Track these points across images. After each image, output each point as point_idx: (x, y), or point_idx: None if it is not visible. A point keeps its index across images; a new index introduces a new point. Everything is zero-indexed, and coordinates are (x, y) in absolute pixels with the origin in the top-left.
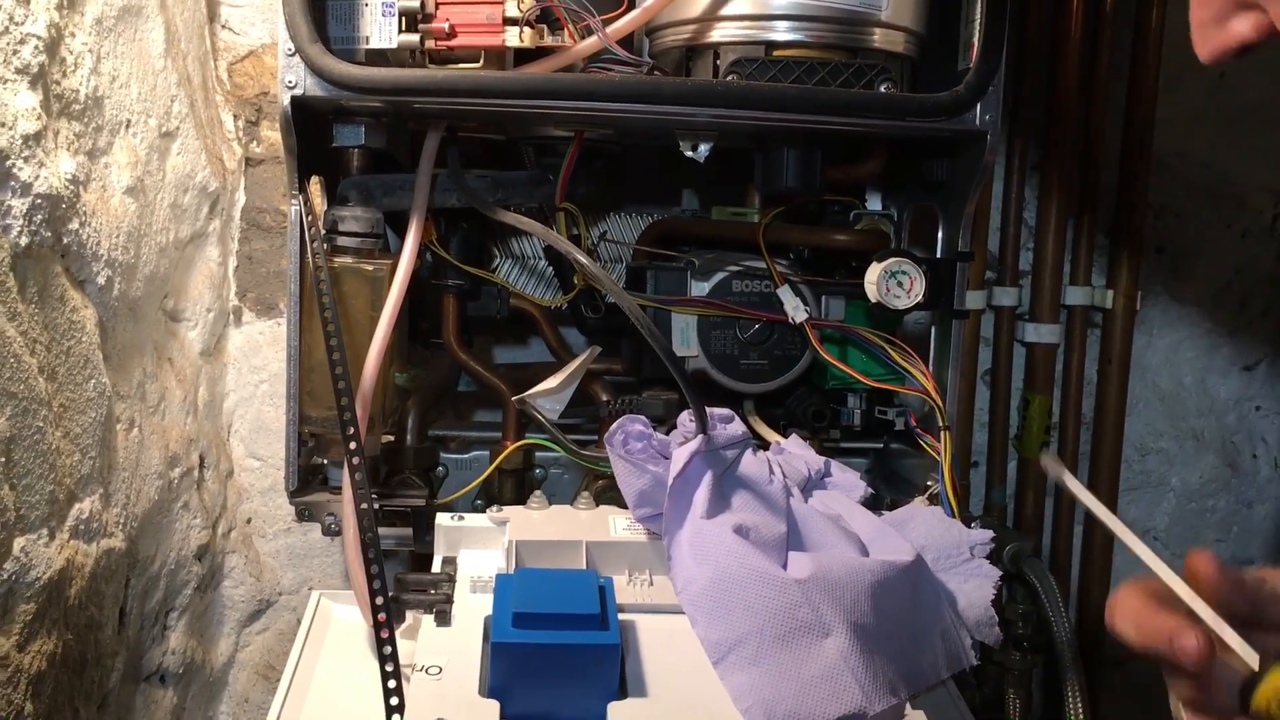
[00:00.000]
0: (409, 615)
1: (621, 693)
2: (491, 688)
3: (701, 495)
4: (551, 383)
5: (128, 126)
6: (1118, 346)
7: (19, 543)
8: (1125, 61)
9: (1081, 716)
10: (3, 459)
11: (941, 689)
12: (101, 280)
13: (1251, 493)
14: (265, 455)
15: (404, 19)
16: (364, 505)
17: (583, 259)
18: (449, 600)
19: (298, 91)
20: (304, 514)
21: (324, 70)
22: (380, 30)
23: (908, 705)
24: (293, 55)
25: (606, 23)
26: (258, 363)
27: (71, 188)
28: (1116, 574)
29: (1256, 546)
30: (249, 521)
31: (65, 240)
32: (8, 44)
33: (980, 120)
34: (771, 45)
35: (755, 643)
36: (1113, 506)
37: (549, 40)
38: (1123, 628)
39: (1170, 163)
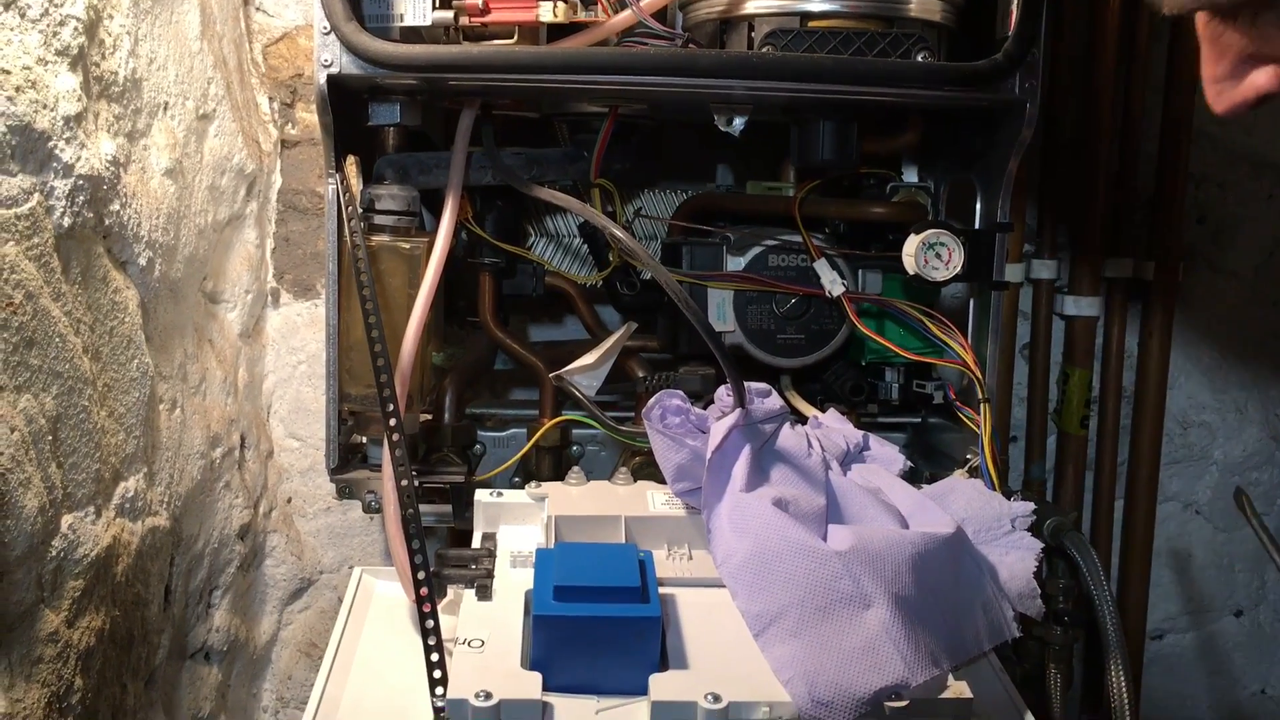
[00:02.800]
0: (450, 590)
1: (663, 665)
2: (534, 660)
3: (740, 469)
4: (588, 359)
5: (166, 109)
6: (1158, 319)
7: (67, 520)
8: (1165, 28)
9: (1124, 691)
10: (50, 437)
11: (984, 661)
12: (143, 261)
13: None
14: (304, 435)
15: None
16: (404, 482)
17: (619, 233)
18: (490, 575)
19: (333, 70)
20: (344, 491)
21: (359, 48)
22: (414, 7)
23: (950, 676)
24: (328, 34)
25: None
26: (296, 344)
27: (112, 169)
28: (1158, 550)
29: None
30: (289, 501)
31: (107, 221)
32: (48, 25)
33: (1019, 89)
34: (807, 16)
35: (796, 615)
36: (1154, 481)
37: (583, 15)
38: None
39: (1211, 132)
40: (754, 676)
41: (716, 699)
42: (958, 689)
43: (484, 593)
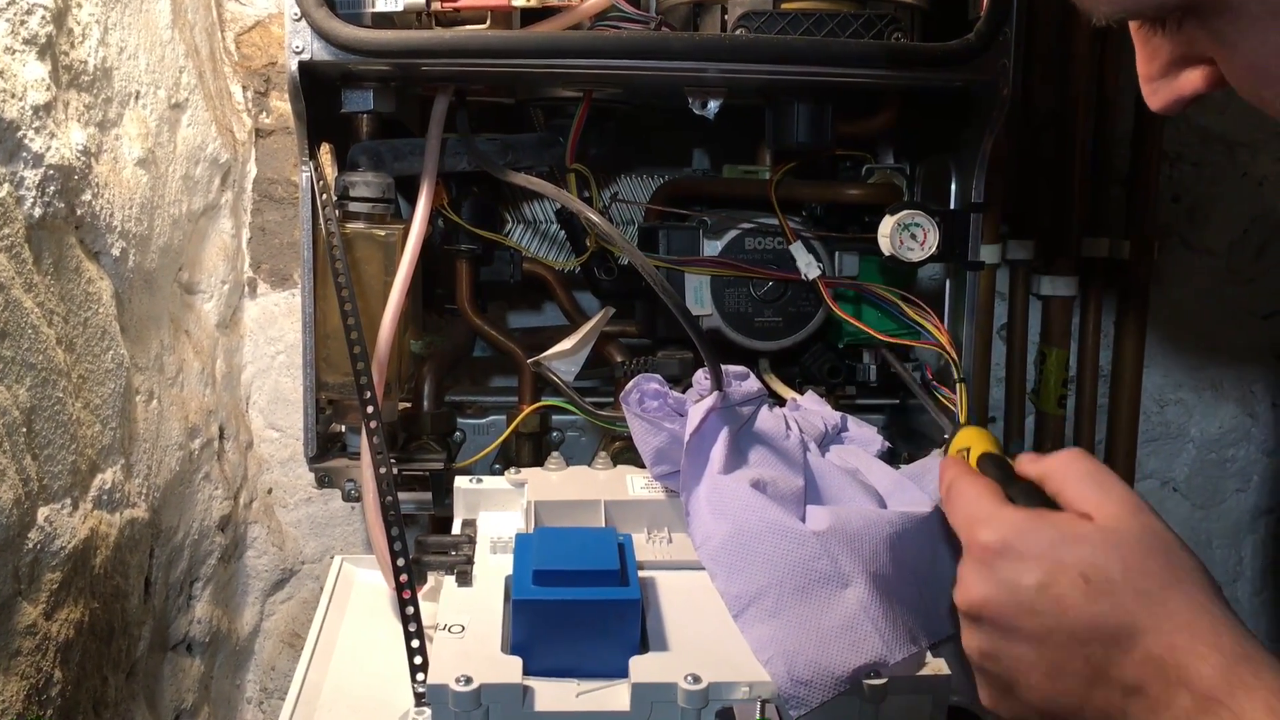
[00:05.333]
0: (430, 577)
1: (643, 647)
2: (514, 644)
3: (718, 451)
4: (566, 344)
5: (137, 98)
6: (1134, 298)
7: (43, 512)
8: None
9: None
10: (24, 429)
11: None
12: (116, 252)
13: (1272, 442)
14: (284, 426)
15: None
16: (383, 469)
17: (595, 218)
18: (469, 561)
19: (305, 57)
20: (324, 480)
21: (330, 34)
22: None
23: (928, 654)
24: (299, 20)
25: None
26: (274, 334)
27: (83, 159)
28: None
29: (1278, 494)
30: (270, 492)
31: (79, 212)
32: (15, 14)
33: (991, 69)
34: None
35: (775, 595)
36: (1132, 459)
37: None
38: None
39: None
40: (734, 657)
41: (696, 680)
42: (936, 666)
43: (464, 579)
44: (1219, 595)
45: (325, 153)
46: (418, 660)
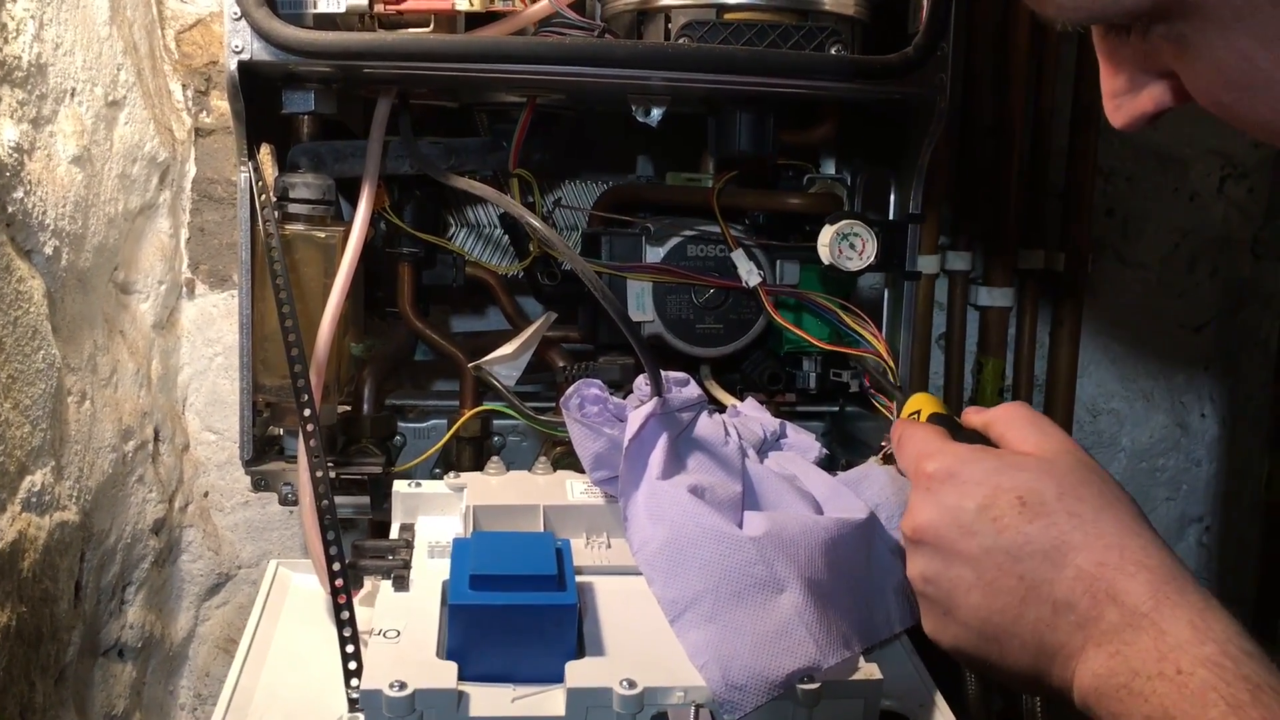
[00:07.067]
0: (367, 581)
1: (579, 652)
2: (450, 649)
3: (657, 457)
4: (507, 349)
5: (73, 95)
6: (1068, 309)
7: None
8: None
9: None
10: None
11: (896, 643)
12: (49, 250)
13: (1200, 451)
14: (221, 428)
15: None
16: (319, 473)
17: (536, 223)
18: (407, 566)
19: (245, 56)
20: (260, 484)
21: (271, 34)
22: None
23: (861, 658)
24: (239, 19)
25: None
26: (212, 335)
27: (15, 156)
28: None
29: (1205, 503)
30: (206, 495)
31: (10, 209)
32: None
33: (928, 83)
34: (723, 8)
35: (711, 600)
36: None
37: (499, 4)
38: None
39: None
40: (669, 661)
41: (632, 684)
42: (868, 671)
43: (401, 583)
44: (1147, 522)
45: (265, 153)
46: (352, 665)
